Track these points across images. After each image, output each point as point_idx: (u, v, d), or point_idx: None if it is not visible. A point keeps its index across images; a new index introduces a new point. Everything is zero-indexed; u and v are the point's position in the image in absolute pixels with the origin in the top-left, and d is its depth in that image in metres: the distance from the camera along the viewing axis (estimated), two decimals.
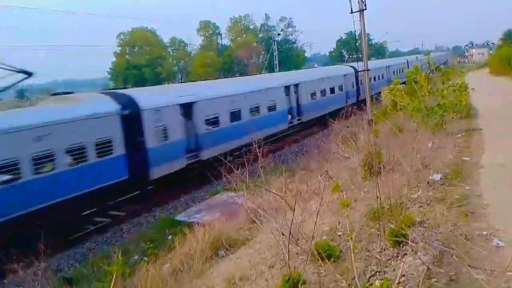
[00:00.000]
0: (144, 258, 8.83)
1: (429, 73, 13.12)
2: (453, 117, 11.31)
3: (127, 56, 79.81)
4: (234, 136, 19.62)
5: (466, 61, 79.53)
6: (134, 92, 17.54)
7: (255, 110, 22.03)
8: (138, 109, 15.24)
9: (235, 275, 5.18)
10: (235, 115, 20.36)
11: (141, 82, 68.19)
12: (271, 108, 23.47)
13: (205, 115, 18.41)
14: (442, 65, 20.71)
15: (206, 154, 18.19)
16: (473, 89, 13.02)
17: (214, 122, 18.96)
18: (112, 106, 14.70)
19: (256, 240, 6.65)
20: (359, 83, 35.76)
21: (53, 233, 10.97)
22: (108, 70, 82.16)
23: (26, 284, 7.33)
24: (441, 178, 6.13)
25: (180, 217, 14.12)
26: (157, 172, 15.72)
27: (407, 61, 51.00)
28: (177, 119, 17.01)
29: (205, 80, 33.17)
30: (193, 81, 40.43)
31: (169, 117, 16.36)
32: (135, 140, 15.14)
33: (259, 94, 22.57)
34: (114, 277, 2.38)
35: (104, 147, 13.91)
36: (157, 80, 69.97)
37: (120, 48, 79.08)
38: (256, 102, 22.19)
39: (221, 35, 76.91)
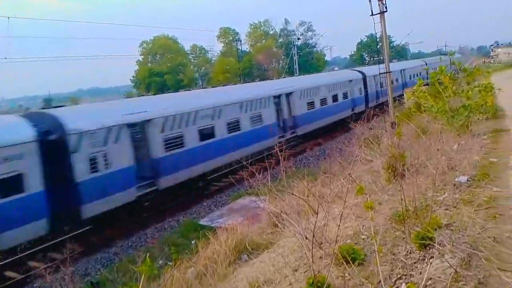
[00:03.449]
0: (169, 263, 8.96)
1: (454, 74, 12.84)
2: (479, 118, 11.03)
3: (149, 64, 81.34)
4: (204, 157, 17.46)
5: (492, 61, 77.22)
6: (61, 112, 14.37)
7: (233, 125, 19.50)
8: (64, 133, 12.88)
9: (259, 278, 5.19)
10: (206, 133, 17.88)
11: (163, 89, 69.44)
12: (255, 122, 20.95)
13: (164, 135, 15.83)
14: (467, 66, 20.20)
15: (166, 182, 15.79)
16: (499, 89, 12.69)
17: (176, 143, 16.34)
18: (24, 132, 12.18)
19: (279, 244, 6.64)
20: (368, 89, 34.20)
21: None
22: (131, 78, 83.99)
23: None
24: (467, 180, 5.99)
25: (203, 221, 14.33)
26: (93, 209, 13.27)
27: (426, 63, 49.20)
28: (123, 142, 14.35)
29: (225, 85, 32.62)
30: (213, 87, 40.42)
31: (109, 140, 13.88)
32: (60, 172, 12.76)
33: (239, 107, 20.07)
34: (142, 277, 2.44)
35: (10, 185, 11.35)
36: (179, 87, 70.95)
37: (142, 56, 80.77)
38: (235, 116, 19.66)
39: (240, 41, 77.42)
